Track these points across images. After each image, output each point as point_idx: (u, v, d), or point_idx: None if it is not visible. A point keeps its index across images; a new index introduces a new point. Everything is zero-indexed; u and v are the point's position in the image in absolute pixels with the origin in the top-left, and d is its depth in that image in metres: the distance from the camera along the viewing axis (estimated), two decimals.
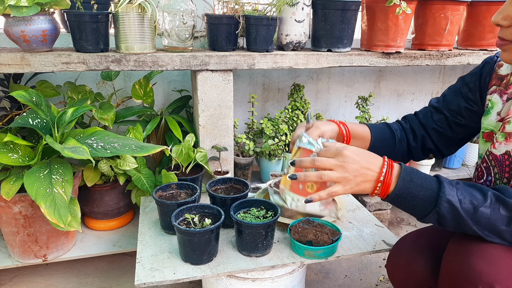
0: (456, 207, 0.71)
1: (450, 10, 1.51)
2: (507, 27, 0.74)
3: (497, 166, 0.85)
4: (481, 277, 0.69)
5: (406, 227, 1.90)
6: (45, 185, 1.06)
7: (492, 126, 0.88)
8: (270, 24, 1.37)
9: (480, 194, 0.72)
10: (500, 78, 0.89)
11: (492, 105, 0.89)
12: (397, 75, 2.03)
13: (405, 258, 0.93)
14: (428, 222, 0.76)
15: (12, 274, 1.46)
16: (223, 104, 1.42)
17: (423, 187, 0.74)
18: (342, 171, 0.77)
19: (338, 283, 1.47)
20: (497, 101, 0.88)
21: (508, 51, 0.76)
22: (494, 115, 0.88)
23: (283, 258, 1.06)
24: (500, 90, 0.88)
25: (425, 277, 0.89)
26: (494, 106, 0.88)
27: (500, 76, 0.89)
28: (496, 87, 0.89)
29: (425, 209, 0.75)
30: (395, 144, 1.07)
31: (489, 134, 0.89)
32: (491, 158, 0.86)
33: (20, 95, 1.12)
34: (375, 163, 0.78)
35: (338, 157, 0.78)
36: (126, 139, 1.21)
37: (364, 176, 0.77)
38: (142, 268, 1.01)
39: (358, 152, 0.78)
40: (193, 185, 1.26)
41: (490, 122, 0.89)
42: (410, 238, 0.97)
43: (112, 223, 1.50)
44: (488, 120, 0.89)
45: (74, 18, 1.20)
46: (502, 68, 0.89)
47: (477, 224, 0.72)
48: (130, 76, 1.66)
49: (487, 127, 0.90)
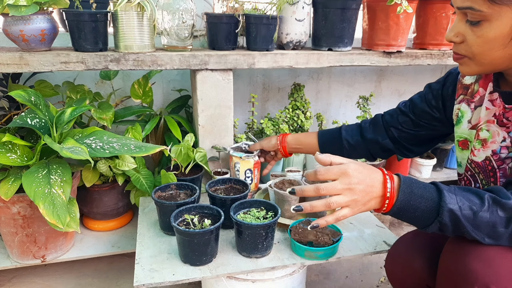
0: (457, 215, 0.71)
1: (451, 9, 1.50)
2: (459, 43, 0.77)
3: (481, 172, 0.88)
4: (477, 278, 0.69)
5: (407, 228, 1.89)
6: (43, 185, 1.05)
7: (466, 134, 0.92)
8: (270, 23, 1.36)
9: (477, 198, 0.72)
10: (465, 88, 0.92)
11: (462, 114, 0.93)
12: (398, 75, 2.02)
13: (403, 257, 0.94)
14: (430, 231, 0.75)
15: (11, 275, 1.45)
16: (222, 103, 1.41)
17: (424, 198, 0.73)
18: (351, 194, 0.74)
19: (338, 284, 1.46)
20: (466, 110, 0.92)
21: (465, 65, 0.79)
22: (465, 123, 0.92)
23: (283, 259, 1.05)
24: (467, 99, 0.92)
25: (423, 276, 0.90)
26: (464, 115, 0.92)
27: (465, 86, 0.93)
28: (463, 96, 0.93)
29: (427, 219, 0.74)
30: (343, 148, 1.19)
31: (464, 142, 0.93)
32: (473, 165, 0.89)
33: (18, 94, 1.12)
34: (377, 177, 0.76)
35: (343, 178, 0.75)
36: (125, 139, 1.21)
37: (370, 194, 0.75)
38: (141, 269, 1.00)
39: (360, 168, 0.75)
40: (193, 186, 1.25)
41: (463, 130, 0.92)
42: (408, 237, 0.97)
43: (111, 223, 1.49)
44: (461, 128, 0.93)
45: (73, 17, 1.20)
46: (466, 78, 0.93)
47: (477, 229, 0.71)
48: (129, 75, 1.65)
49: (461, 135, 0.93)
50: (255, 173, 1.41)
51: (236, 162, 1.39)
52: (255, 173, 1.41)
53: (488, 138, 0.85)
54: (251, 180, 1.41)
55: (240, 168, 1.39)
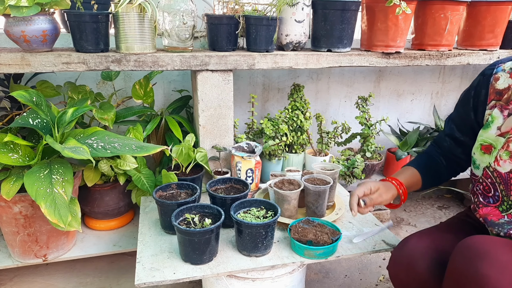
0: None
1: (450, 10, 1.51)
2: None
3: (502, 183, 0.86)
4: (488, 283, 0.69)
5: (406, 227, 1.90)
6: (45, 185, 1.06)
7: (491, 139, 0.89)
8: (270, 24, 1.37)
9: None
10: (498, 93, 0.89)
11: (492, 119, 0.89)
12: (397, 75, 2.03)
13: (406, 259, 0.93)
14: None
15: (12, 274, 1.46)
16: (223, 104, 1.42)
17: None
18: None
19: (338, 283, 1.47)
20: (497, 116, 0.88)
21: None
22: (494, 129, 0.88)
23: (283, 258, 1.06)
24: (501, 105, 0.88)
25: (427, 279, 0.89)
26: (494, 120, 0.88)
27: (498, 91, 0.89)
28: (496, 102, 0.89)
29: None
30: (440, 172, 1.12)
31: (488, 147, 0.90)
32: (495, 175, 0.88)
33: (20, 95, 1.12)
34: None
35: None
36: (126, 139, 1.22)
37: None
38: (142, 268, 1.01)
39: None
40: (193, 185, 1.26)
41: (489, 135, 0.89)
42: (412, 240, 0.96)
43: (112, 223, 1.50)
44: (488, 133, 0.89)
45: (74, 18, 1.20)
46: (499, 82, 0.89)
47: None
48: (130, 76, 1.66)
49: (486, 140, 0.90)
50: (256, 173, 1.42)
51: (237, 162, 1.40)
52: (256, 173, 1.42)
53: None
54: (252, 180, 1.42)
55: (241, 167, 1.40)
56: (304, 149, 1.68)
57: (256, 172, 1.42)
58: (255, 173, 1.42)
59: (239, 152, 1.41)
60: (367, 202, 1.00)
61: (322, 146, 1.68)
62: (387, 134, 1.92)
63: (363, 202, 1.00)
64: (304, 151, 1.69)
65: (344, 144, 1.80)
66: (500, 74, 0.89)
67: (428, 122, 2.15)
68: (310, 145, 1.69)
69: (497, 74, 0.90)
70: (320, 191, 1.20)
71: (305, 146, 1.68)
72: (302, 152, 1.67)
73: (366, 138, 1.79)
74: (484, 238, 0.77)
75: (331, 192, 1.31)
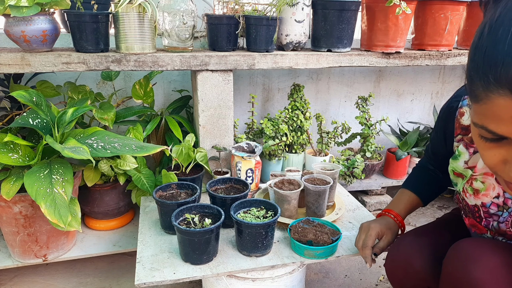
0: None
1: (450, 10, 1.51)
2: None
3: (470, 213, 0.89)
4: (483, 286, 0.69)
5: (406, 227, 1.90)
6: (45, 185, 1.06)
7: (461, 170, 0.89)
8: (270, 24, 1.37)
9: None
10: (464, 129, 0.87)
11: (459, 153, 0.88)
12: (397, 75, 2.03)
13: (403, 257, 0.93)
14: None
15: (12, 274, 1.46)
16: (223, 104, 1.42)
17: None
18: None
19: (338, 283, 1.47)
20: (463, 152, 0.87)
21: None
22: (462, 162, 0.88)
23: (283, 258, 1.06)
24: (466, 143, 0.87)
25: (423, 277, 0.89)
26: (461, 155, 0.88)
27: (464, 126, 0.87)
28: (462, 136, 0.88)
29: None
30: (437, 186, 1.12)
31: (459, 174, 0.90)
32: (465, 203, 0.89)
33: (20, 95, 1.12)
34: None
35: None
36: (126, 139, 1.22)
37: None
38: (142, 268, 1.01)
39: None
40: (193, 185, 1.26)
41: (458, 166, 0.89)
42: (408, 237, 0.97)
43: (112, 223, 1.50)
44: (457, 164, 0.89)
45: (74, 18, 1.20)
46: (464, 117, 0.87)
47: None
48: (130, 76, 1.66)
49: (456, 169, 0.90)
50: (256, 173, 1.42)
51: (237, 162, 1.40)
52: (256, 173, 1.42)
53: (481, 190, 0.83)
54: (252, 180, 1.42)
55: (241, 167, 1.40)
56: (304, 149, 1.68)
57: (256, 172, 1.42)
58: (255, 173, 1.42)
59: (239, 152, 1.41)
60: (377, 253, 1.02)
61: (322, 146, 1.68)
62: (387, 134, 1.92)
63: (375, 256, 1.02)
64: (304, 151, 1.69)
65: (344, 144, 1.80)
66: (465, 109, 0.86)
67: (428, 122, 2.15)
68: (310, 145, 1.69)
69: (462, 108, 0.87)
70: (320, 191, 1.20)
71: (305, 146, 1.68)
72: (302, 152, 1.67)
73: (366, 138, 1.79)
74: (475, 241, 0.77)
75: (331, 192, 1.31)
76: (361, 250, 1.03)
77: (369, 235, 1.02)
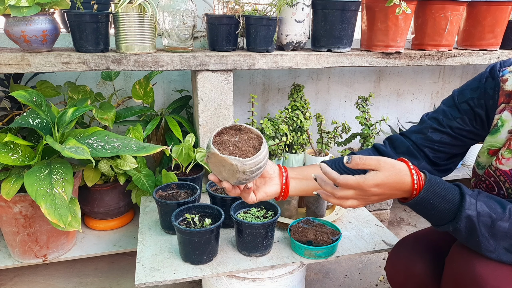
0: (474, 221, 0.70)
1: (450, 10, 1.51)
2: None
3: (508, 181, 0.83)
4: (487, 281, 0.69)
5: (406, 227, 1.90)
6: (45, 185, 1.06)
7: (501, 143, 0.84)
8: (270, 24, 1.37)
9: (500, 207, 0.71)
10: (508, 95, 0.84)
11: (502, 123, 0.84)
12: (397, 75, 2.03)
13: (404, 261, 0.93)
14: (441, 230, 0.76)
15: (12, 274, 1.46)
16: (223, 104, 1.42)
17: (444, 199, 0.73)
18: (363, 201, 0.77)
19: (338, 283, 1.47)
20: (508, 119, 0.83)
21: None
22: (504, 133, 0.83)
23: (283, 258, 1.06)
24: (510, 107, 0.83)
25: (424, 281, 0.89)
26: (504, 124, 0.83)
27: (508, 93, 0.84)
28: (505, 105, 0.84)
29: (442, 219, 0.74)
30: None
31: (496, 151, 0.85)
32: (498, 173, 0.84)
33: (20, 95, 1.13)
34: (403, 188, 0.75)
35: (357, 190, 0.75)
36: (126, 139, 1.22)
37: (388, 197, 0.78)
38: (142, 268, 1.01)
39: (382, 183, 0.74)
40: (193, 185, 1.26)
41: (498, 140, 0.84)
42: (409, 240, 0.96)
43: (112, 223, 1.50)
44: (497, 138, 0.85)
45: (74, 18, 1.20)
46: (508, 83, 0.84)
47: (493, 238, 0.71)
48: (130, 76, 1.66)
49: (495, 144, 0.85)
50: None
51: None
52: None
53: None
54: None
55: None
56: (304, 149, 1.68)
57: None
58: None
59: None
60: None
61: (322, 146, 1.68)
62: (387, 134, 1.92)
63: None
64: (304, 151, 1.69)
65: (344, 144, 1.80)
66: (508, 75, 0.84)
67: None
68: (310, 145, 1.69)
69: (504, 76, 0.85)
70: None
71: (305, 146, 1.68)
72: (302, 152, 1.67)
73: (366, 138, 1.79)
74: None
75: None
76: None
77: None
